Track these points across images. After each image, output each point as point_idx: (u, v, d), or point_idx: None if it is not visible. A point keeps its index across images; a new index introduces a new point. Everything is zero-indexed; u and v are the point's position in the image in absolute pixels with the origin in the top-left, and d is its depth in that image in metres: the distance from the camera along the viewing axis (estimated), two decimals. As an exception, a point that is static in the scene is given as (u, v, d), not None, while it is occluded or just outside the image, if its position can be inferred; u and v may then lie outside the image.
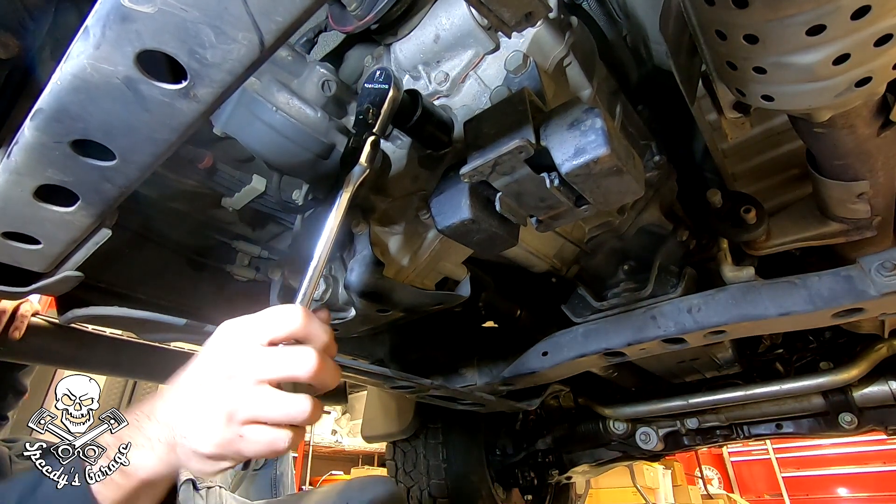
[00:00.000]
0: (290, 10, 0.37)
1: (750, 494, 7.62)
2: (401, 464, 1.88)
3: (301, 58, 0.71)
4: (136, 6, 0.36)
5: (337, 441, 6.34)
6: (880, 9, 0.44)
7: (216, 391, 0.52)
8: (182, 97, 0.42)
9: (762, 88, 0.56)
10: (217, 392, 0.52)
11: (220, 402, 0.51)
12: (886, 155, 0.71)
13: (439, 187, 0.63)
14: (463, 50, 0.72)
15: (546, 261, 1.08)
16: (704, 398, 1.51)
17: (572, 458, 1.97)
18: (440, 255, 0.86)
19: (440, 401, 1.35)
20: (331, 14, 0.80)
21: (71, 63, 0.39)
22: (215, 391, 0.52)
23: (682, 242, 1.11)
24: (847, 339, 1.44)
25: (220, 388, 0.52)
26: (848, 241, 0.95)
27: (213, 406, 0.51)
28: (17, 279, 0.61)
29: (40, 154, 0.45)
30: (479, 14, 0.66)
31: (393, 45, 0.77)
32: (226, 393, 0.51)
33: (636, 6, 0.85)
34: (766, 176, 1.06)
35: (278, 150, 0.67)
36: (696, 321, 0.94)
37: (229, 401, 0.51)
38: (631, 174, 0.54)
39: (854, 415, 1.46)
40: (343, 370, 1.10)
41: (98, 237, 0.58)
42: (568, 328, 1.13)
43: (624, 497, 5.17)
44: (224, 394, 0.51)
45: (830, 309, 0.84)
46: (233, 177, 0.86)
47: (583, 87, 0.75)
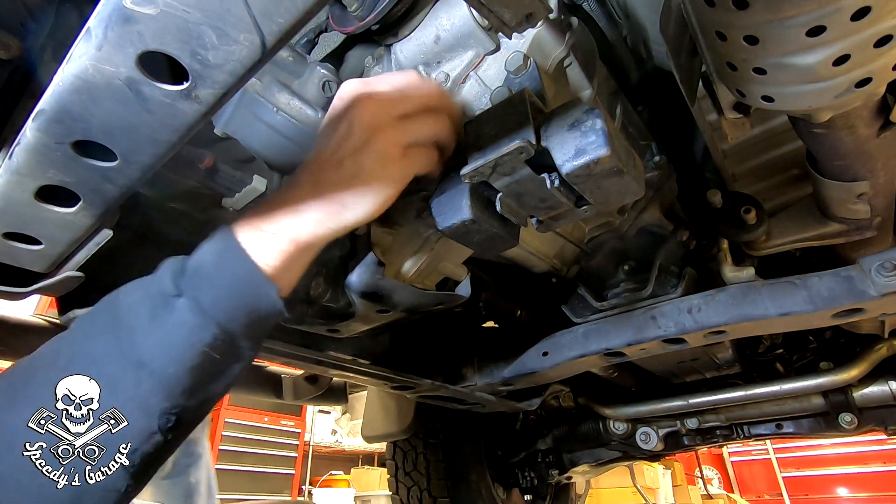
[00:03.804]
0: (292, 12, 0.37)
1: (750, 494, 7.62)
2: (401, 464, 1.88)
3: (302, 58, 0.72)
4: (138, 7, 0.36)
5: (337, 441, 6.35)
6: (880, 10, 0.44)
7: (375, 130, 0.57)
8: (184, 98, 0.42)
9: (762, 89, 0.56)
10: (376, 129, 0.57)
11: (384, 136, 0.57)
12: (886, 155, 0.72)
13: (440, 188, 0.64)
14: (463, 51, 0.72)
15: (546, 261, 1.08)
16: (704, 398, 1.51)
17: (572, 458, 1.97)
18: (440, 256, 0.86)
19: (440, 401, 1.36)
20: (331, 15, 0.80)
21: (73, 64, 0.40)
22: (374, 130, 0.57)
23: (683, 243, 1.11)
24: (847, 339, 1.44)
25: (377, 128, 0.57)
26: (848, 241, 0.95)
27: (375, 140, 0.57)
28: (17, 279, 0.62)
29: (42, 155, 0.45)
30: (480, 15, 0.66)
31: (393, 45, 0.77)
32: (383, 129, 0.57)
33: (636, 7, 0.85)
34: (766, 176, 1.06)
35: (279, 150, 0.68)
36: (697, 321, 0.94)
37: (388, 134, 0.58)
38: (631, 175, 0.54)
39: (854, 415, 1.46)
40: (343, 370, 1.10)
41: (99, 237, 0.58)
42: (568, 328, 1.13)
43: (624, 497, 5.18)
44: (382, 131, 0.57)
45: (830, 309, 0.84)
46: (233, 177, 0.86)
47: (583, 88, 0.75)
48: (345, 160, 0.57)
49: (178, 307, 0.52)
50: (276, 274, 0.56)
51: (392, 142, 0.58)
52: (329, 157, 0.58)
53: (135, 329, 0.52)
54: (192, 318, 0.52)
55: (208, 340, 0.52)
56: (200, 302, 0.52)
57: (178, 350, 0.51)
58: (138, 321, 0.52)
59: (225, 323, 0.53)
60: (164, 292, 0.53)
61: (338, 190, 0.57)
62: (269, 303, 0.55)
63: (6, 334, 1.08)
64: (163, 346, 0.51)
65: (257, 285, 0.54)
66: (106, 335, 0.52)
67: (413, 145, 0.60)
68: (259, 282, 0.54)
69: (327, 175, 0.58)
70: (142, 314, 0.52)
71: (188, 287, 0.53)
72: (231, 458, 4.87)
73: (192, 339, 0.51)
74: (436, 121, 0.62)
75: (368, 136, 0.57)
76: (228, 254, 0.55)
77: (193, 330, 0.52)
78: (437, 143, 0.63)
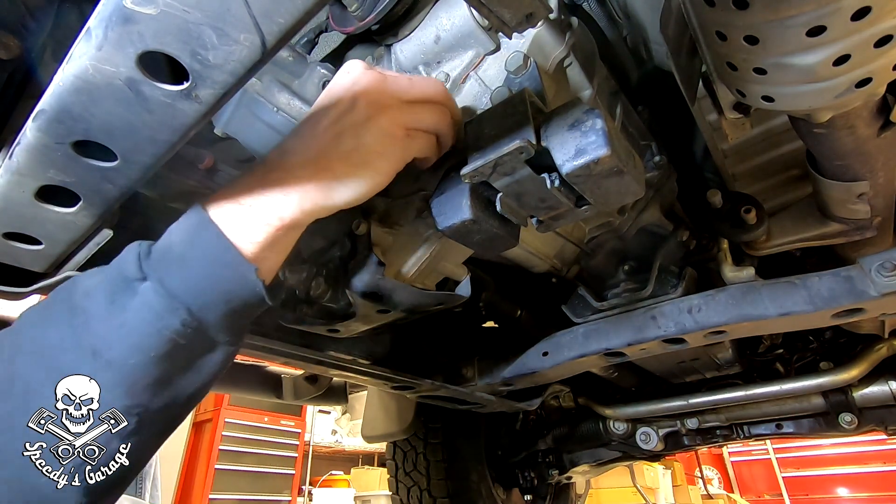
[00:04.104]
0: (292, 12, 0.37)
1: (750, 494, 7.62)
2: (401, 464, 1.88)
3: (302, 58, 0.72)
4: (139, 7, 0.36)
5: (337, 441, 6.35)
6: (881, 10, 0.44)
7: (375, 112, 0.55)
8: (184, 98, 0.42)
9: (762, 89, 0.56)
10: (378, 111, 0.56)
11: (386, 117, 0.56)
12: (886, 155, 0.72)
13: (440, 188, 0.64)
14: (463, 51, 0.72)
15: (546, 261, 1.08)
16: (704, 398, 1.51)
17: (572, 458, 1.97)
18: (441, 256, 0.86)
19: (440, 401, 1.36)
20: (331, 15, 0.80)
21: (73, 64, 0.40)
22: (374, 112, 0.55)
23: (683, 243, 1.11)
24: (847, 339, 1.44)
25: (378, 111, 0.56)
26: (848, 241, 0.95)
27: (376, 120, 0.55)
28: (17, 279, 0.62)
29: (42, 155, 0.45)
30: (480, 15, 0.66)
31: (394, 45, 0.77)
32: (383, 112, 0.56)
33: (636, 7, 0.85)
34: (767, 176, 1.06)
35: (279, 150, 0.67)
36: (697, 321, 0.94)
37: (392, 113, 0.56)
38: (631, 175, 0.54)
39: (854, 415, 1.46)
40: (343, 370, 1.10)
41: (99, 238, 0.59)
42: (568, 328, 1.13)
43: (624, 497, 5.18)
44: (382, 113, 0.56)
45: (830, 309, 0.84)
46: (233, 177, 0.86)
47: (583, 88, 0.75)
48: (345, 133, 0.54)
49: (142, 291, 0.47)
50: (256, 254, 0.50)
51: (396, 121, 0.56)
52: (326, 130, 0.55)
53: (90, 314, 0.46)
54: (157, 301, 0.46)
55: (175, 326, 0.46)
56: (167, 284, 0.47)
57: (140, 337, 0.46)
58: (95, 306, 0.47)
59: (197, 309, 0.47)
60: (127, 275, 0.48)
61: (333, 164, 0.53)
62: (248, 287, 0.50)
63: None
64: (122, 332, 0.46)
65: (233, 266, 0.49)
66: (59, 324, 0.47)
67: (414, 129, 0.59)
68: (235, 262, 0.49)
69: (323, 147, 0.54)
70: (99, 298, 0.47)
71: (154, 269, 0.48)
72: (231, 458, 4.87)
73: (158, 325, 0.46)
74: (439, 111, 0.61)
75: (372, 112, 0.55)
76: (200, 231, 0.49)
77: (158, 315, 0.46)
78: (437, 135, 0.63)
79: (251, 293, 0.50)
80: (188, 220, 0.50)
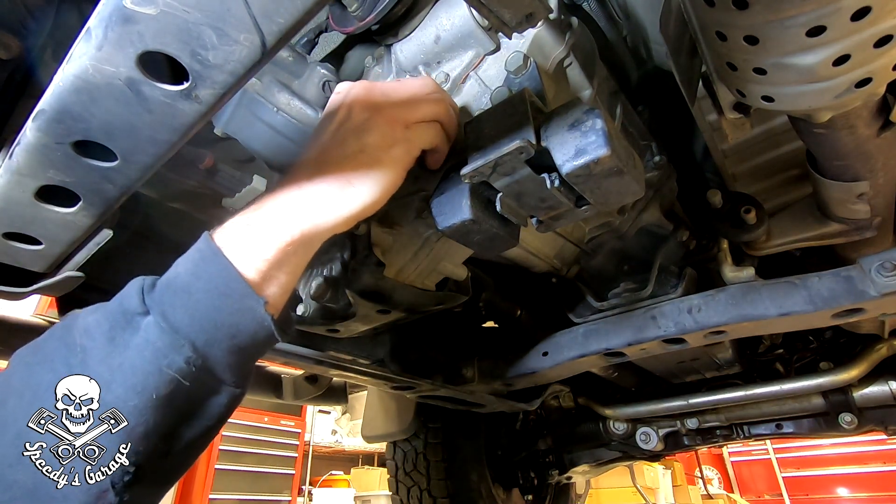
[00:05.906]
0: (292, 12, 0.37)
1: (750, 494, 7.62)
2: (401, 464, 1.88)
3: (302, 58, 0.72)
4: (139, 7, 0.36)
5: (337, 441, 6.35)
6: (880, 10, 0.44)
7: (380, 119, 0.56)
8: (184, 98, 0.42)
9: (762, 89, 0.56)
10: (381, 114, 0.57)
11: (386, 116, 0.56)
12: (886, 155, 0.72)
13: (440, 188, 0.64)
14: (463, 50, 0.72)
15: (546, 261, 1.08)
16: (704, 398, 1.51)
17: (572, 458, 1.97)
18: (440, 256, 0.86)
19: (440, 401, 1.36)
20: (331, 15, 0.80)
21: (73, 64, 0.40)
22: (379, 119, 0.56)
23: (683, 243, 1.11)
24: (847, 339, 1.44)
25: (382, 116, 0.57)
26: (848, 241, 0.95)
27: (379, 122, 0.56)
28: (17, 279, 0.62)
29: (42, 155, 0.45)
30: (480, 15, 0.66)
31: (393, 45, 0.77)
32: (387, 115, 0.57)
33: (636, 7, 0.85)
34: (767, 176, 1.06)
35: (279, 150, 0.68)
36: (697, 321, 0.94)
37: (388, 112, 0.57)
38: (631, 175, 0.54)
39: (854, 415, 1.46)
40: (343, 370, 1.10)
41: (99, 237, 0.58)
42: (568, 328, 1.13)
43: (624, 497, 5.18)
44: (386, 116, 0.57)
45: (830, 309, 0.84)
46: (233, 177, 0.86)
47: (583, 88, 0.75)
48: (347, 138, 0.55)
49: (144, 326, 0.44)
50: (266, 276, 0.48)
51: (393, 118, 0.57)
52: (331, 139, 0.55)
53: (88, 351, 0.44)
54: (159, 336, 0.43)
55: (179, 364, 0.43)
56: (170, 318, 0.44)
57: (142, 376, 0.42)
58: (93, 343, 0.44)
59: (202, 345, 0.44)
60: (128, 309, 0.45)
61: (343, 168, 0.53)
62: (255, 320, 0.47)
63: (6, 334, 1.08)
64: (122, 371, 0.42)
65: (237, 297, 0.46)
66: (54, 364, 0.44)
67: (414, 122, 0.59)
68: (240, 293, 0.46)
69: (330, 154, 0.54)
70: (98, 336, 0.44)
71: (157, 302, 0.45)
72: (231, 458, 4.86)
73: (160, 363, 0.43)
74: (434, 101, 0.61)
75: (368, 115, 0.56)
76: (205, 260, 0.47)
77: (161, 351, 0.43)
78: (440, 123, 0.62)
79: (259, 326, 0.48)
80: (195, 249, 0.48)
